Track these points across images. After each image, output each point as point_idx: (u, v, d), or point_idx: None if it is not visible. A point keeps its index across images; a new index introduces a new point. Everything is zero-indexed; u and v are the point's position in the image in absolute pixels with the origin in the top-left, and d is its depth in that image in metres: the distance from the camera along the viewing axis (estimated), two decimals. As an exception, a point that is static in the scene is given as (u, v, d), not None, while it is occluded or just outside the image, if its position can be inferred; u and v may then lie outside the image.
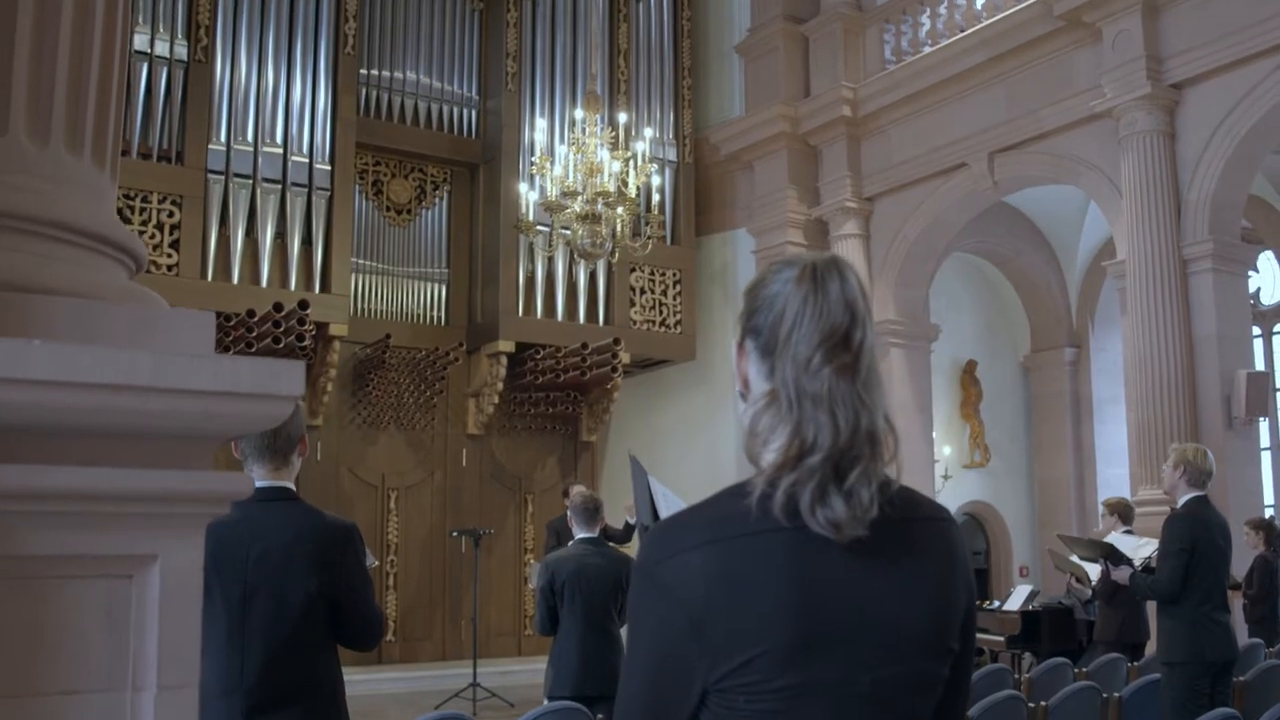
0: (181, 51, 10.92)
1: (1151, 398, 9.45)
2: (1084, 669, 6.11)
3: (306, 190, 11.34)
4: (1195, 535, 5.50)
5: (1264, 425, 11.75)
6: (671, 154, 13.44)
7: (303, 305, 10.49)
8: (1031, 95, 10.96)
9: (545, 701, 5.48)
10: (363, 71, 12.14)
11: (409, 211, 12.87)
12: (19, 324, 1.47)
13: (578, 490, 6.46)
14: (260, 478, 3.06)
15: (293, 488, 3.15)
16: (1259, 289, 14.23)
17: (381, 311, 12.47)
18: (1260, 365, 12.61)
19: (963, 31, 11.58)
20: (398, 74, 12.47)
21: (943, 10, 12.02)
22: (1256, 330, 13.21)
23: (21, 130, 1.52)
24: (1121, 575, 6.26)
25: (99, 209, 1.64)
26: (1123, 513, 7.98)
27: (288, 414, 1.64)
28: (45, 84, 1.56)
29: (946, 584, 1.45)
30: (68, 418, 1.46)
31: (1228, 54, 9.33)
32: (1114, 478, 13.38)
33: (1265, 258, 13.70)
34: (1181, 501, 5.70)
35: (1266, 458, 12.88)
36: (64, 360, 1.42)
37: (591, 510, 5.84)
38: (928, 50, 11.90)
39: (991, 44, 11.12)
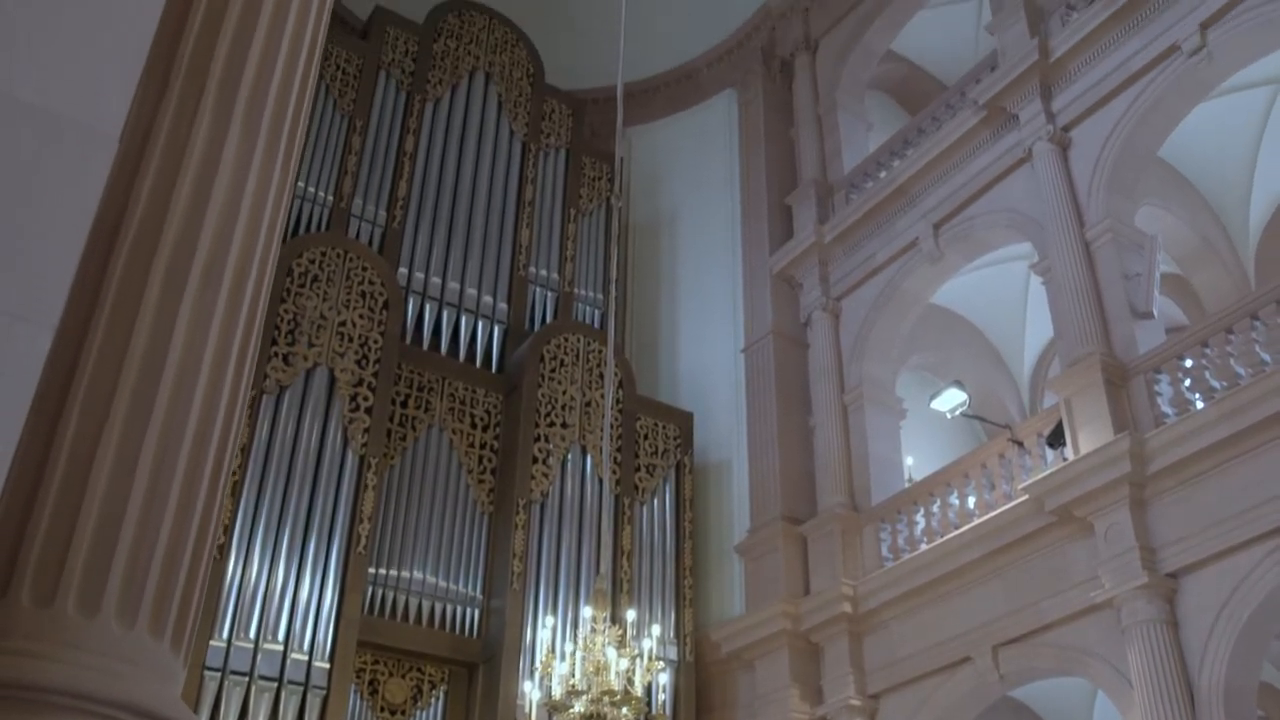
0: (195, 551, 11.14)
1: None
2: None
3: (302, 689, 11.15)
4: None
5: None
6: (673, 653, 13.35)
7: (290, 813, 9.97)
8: (1030, 588, 11.08)
9: None
10: (371, 570, 12.32)
11: (404, 712, 12.55)
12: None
13: None
14: None
15: None
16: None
17: (366, 820, 11.83)
18: None
19: (957, 529, 11.91)
20: (404, 573, 12.64)
21: (935, 509, 12.43)
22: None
23: (112, 612, 1.57)
24: None
25: (167, 691, 1.65)
26: None
27: None
28: (141, 569, 1.63)
29: None
30: None
31: (1219, 542, 9.55)
32: None
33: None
34: None
35: None
36: None
37: None
38: (924, 547, 12.18)
39: (987, 539, 11.40)
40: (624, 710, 9.76)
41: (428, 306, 14.41)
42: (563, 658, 9.87)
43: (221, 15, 1.87)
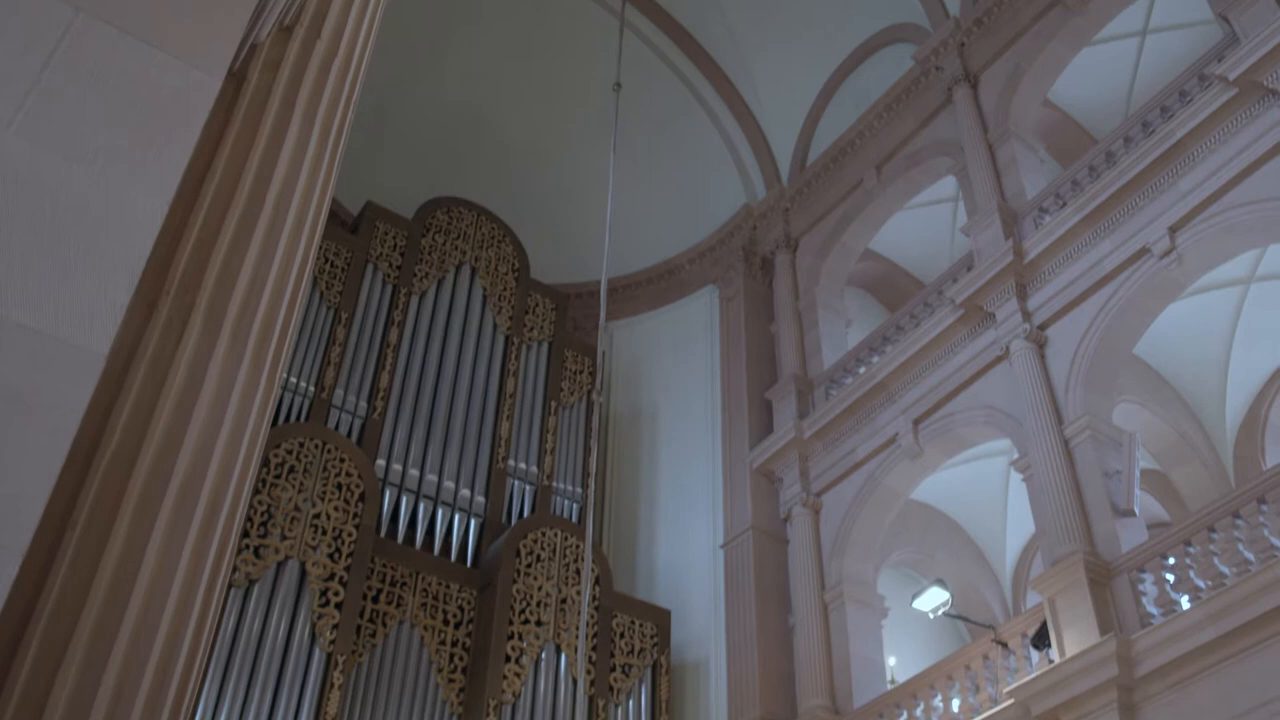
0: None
1: None
2: None
3: None
4: None
5: None
6: None
7: None
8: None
9: None
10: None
11: None
12: None
13: None
14: None
15: None
16: None
17: None
18: None
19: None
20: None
21: (919, 713, 12.12)
22: None
23: None
24: None
25: None
26: None
27: None
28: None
29: None
30: None
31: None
32: None
33: None
34: None
35: None
36: None
37: None
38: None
39: (975, 747, 11.08)
40: None
41: (404, 499, 14.26)
42: None
43: (217, 230, 1.86)
